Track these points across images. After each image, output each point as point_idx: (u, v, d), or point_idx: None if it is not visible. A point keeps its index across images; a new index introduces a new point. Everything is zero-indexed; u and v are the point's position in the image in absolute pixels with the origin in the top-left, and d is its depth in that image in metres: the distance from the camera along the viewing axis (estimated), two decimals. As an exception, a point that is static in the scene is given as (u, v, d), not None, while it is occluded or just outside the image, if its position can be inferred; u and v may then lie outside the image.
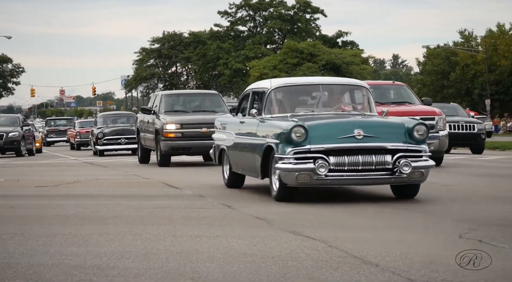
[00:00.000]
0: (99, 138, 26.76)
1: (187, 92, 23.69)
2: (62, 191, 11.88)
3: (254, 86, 11.43)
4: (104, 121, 28.86)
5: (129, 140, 26.49)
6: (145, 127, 19.79)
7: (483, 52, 60.24)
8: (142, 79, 76.16)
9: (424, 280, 4.87)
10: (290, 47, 59.48)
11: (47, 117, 56.69)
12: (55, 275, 5.25)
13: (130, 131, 26.40)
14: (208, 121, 17.52)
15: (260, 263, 5.47)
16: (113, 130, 27.21)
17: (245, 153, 10.45)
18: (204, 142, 17.29)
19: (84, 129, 35.47)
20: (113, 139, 26.82)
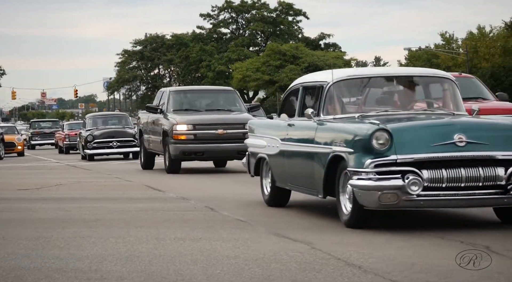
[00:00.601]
0: (89, 141, 24.30)
1: (199, 88, 21.32)
2: (44, 194, 11.80)
3: (305, 79, 8.96)
4: (93, 122, 26.33)
5: (121, 144, 24.44)
6: (150, 128, 17.48)
7: (464, 54, 60.70)
8: (125, 81, 75.91)
9: (407, 281, 4.89)
10: (272, 49, 59.55)
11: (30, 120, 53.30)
12: (37, 279, 5.22)
13: (122, 133, 24.81)
14: (224, 121, 15.93)
15: (243, 266, 5.46)
16: (104, 132, 24.82)
17: (298, 164, 8.21)
18: (220, 146, 15.59)
19: (74, 131, 33.13)
20: (103, 142, 24.40)
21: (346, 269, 5.28)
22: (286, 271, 5.24)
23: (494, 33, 64.01)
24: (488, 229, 6.97)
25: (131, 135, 24.43)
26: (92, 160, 24.31)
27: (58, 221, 8.21)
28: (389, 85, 8.42)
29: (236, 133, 15.43)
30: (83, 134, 25.44)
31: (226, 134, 15.42)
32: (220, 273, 5.25)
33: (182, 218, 8.29)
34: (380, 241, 6.42)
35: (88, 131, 25.15)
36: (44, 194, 11.72)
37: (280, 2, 68.77)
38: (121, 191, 12.26)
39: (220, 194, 11.13)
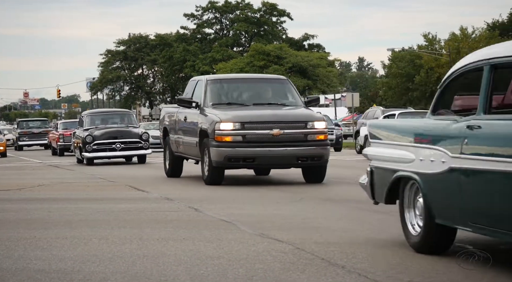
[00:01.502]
0: (88, 142, 20.91)
1: (244, 76, 17.39)
2: (26, 194, 11.72)
3: (496, 52, 5.34)
4: (91, 121, 22.54)
5: (126, 145, 21.17)
6: (181, 127, 14.15)
7: (446, 55, 61.08)
8: (108, 81, 75.54)
9: (391, 281, 4.90)
10: (256, 50, 59.55)
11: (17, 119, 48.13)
12: (19, 280, 5.18)
13: (126, 133, 21.45)
14: (281, 118, 12.44)
15: (227, 266, 5.45)
16: (105, 132, 21.36)
17: (498, 192, 4.86)
18: (275, 150, 12.12)
19: (69, 131, 29.90)
20: (105, 144, 21.09)
21: (329, 269, 5.29)
22: (270, 272, 5.24)
23: (477, 34, 64.47)
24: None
25: (136, 136, 21.43)
26: (91, 164, 21.12)
27: (41, 222, 8.16)
28: None
29: (295, 134, 12.20)
30: (79, 134, 22.00)
31: (283, 135, 12.07)
32: (204, 273, 5.24)
33: (166, 219, 8.26)
34: (363, 241, 6.44)
35: (86, 131, 21.65)
36: (26, 195, 11.64)
37: (264, 2, 68.80)
38: (104, 191, 12.20)
39: (204, 194, 11.11)
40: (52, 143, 32.41)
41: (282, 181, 13.42)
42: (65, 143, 29.24)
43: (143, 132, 21.77)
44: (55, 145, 31.07)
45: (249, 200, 10.07)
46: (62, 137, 29.73)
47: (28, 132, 40.94)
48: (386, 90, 72.58)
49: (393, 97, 70.70)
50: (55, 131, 32.42)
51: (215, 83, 13.77)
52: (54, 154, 30.88)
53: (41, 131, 40.59)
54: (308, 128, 12.27)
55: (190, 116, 13.61)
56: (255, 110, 12.84)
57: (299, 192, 11.11)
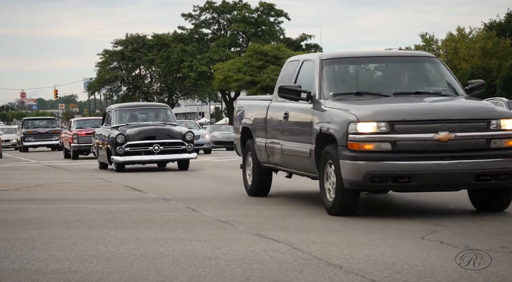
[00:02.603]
0: (119, 143, 16.92)
1: (379, 54, 10.17)
2: (23, 195, 11.72)
3: None
4: (120, 116, 18.28)
5: (165, 148, 17.17)
6: (279, 127, 9.74)
7: (444, 55, 61.11)
8: (105, 81, 75.54)
9: (387, 281, 4.91)
10: (254, 50, 59.57)
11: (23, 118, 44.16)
12: (16, 280, 5.18)
13: (166, 132, 17.49)
14: (448, 115, 8.07)
15: (224, 266, 5.46)
16: (140, 131, 17.32)
17: None
18: (443, 164, 7.82)
19: (84, 130, 26.45)
20: (140, 146, 17.07)
21: (327, 269, 5.30)
22: (267, 272, 5.25)
23: (474, 35, 64.57)
24: (467, 229, 7.03)
25: (179, 135, 17.52)
26: (121, 170, 17.22)
27: (38, 222, 8.16)
28: None
29: (474, 139, 7.95)
30: (105, 133, 17.97)
31: (454, 141, 7.85)
32: (201, 273, 5.24)
33: (163, 219, 8.27)
34: (360, 241, 6.45)
35: (115, 130, 17.62)
36: (23, 195, 11.64)
37: (262, 3, 68.83)
38: (101, 191, 12.20)
39: (202, 194, 11.11)
40: (64, 144, 28.29)
41: (280, 181, 13.43)
42: (79, 144, 25.88)
43: (187, 131, 17.87)
44: (68, 146, 27.05)
45: (246, 201, 10.08)
46: (76, 138, 26.01)
47: (34, 132, 37.05)
48: (383, 90, 72.33)
49: (390, 97, 70.56)
50: (68, 131, 28.36)
51: (335, 63, 9.29)
52: (67, 156, 27.07)
53: (48, 130, 37.13)
54: (492, 130, 7.94)
55: (297, 112, 9.24)
56: (405, 102, 8.51)
57: (297, 192, 11.12)
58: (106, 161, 17.92)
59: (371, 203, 9.39)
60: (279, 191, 11.33)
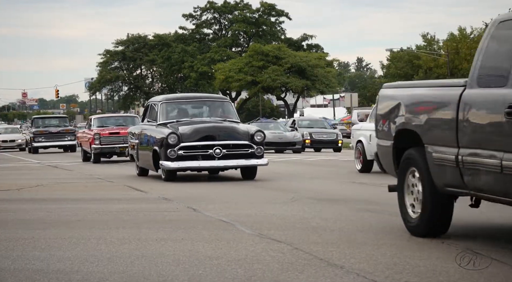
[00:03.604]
0: (171, 145, 13.18)
1: None
2: (24, 195, 11.72)
3: None
4: (167, 111, 14.55)
5: (229, 151, 13.32)
6: (490, 129, 5.79)
7: (445, 55, 61.10)
8: (106, 81, 75.55)
9: (389, 281, 4.92)
10: (255, 50, 59.58)
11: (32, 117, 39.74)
12: (17, 280, 5.18)
13: (230, 132, 13.61)
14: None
15: (225, 266, 5.46)
16: (197, 129, 13.47)
17: None
18: None
19: (107, 129, 22.87)
20: (198, 148, 13.32)
21: (328, 269, 5.29)
22: (269, 272, 5.24)
23: (475, 35, 64.53)
24: (469, 229, 7.02)
25: (245, 136, 13.53)
26: (172, 179, 13.45)
27: (39, 222, 8.16)
28: None
29: None
30: (150, 133, 14.28)
31: None
32: (202, 273, 5.24)
33: (164, 219, 8.27)
34: (361, 241, 6.44)
35: (164, 128, 13.79)
36: (25, 195, 11.64)
37: (263, 3, 68.84)
38: (102, 191, 12.20)
39: (203, 195, 11.11)
40: (83, 146, 24.02)
41: (280, 181, 13.43)
42: (102, 145, 22.05)
43: (256, 131, 13.66)
44: (87, 148, 22.99)
45: (247, 200, 10.07)
46: (98, 138, 22.10)
47: (45, 132, 33.56)
48: (384, 90, 72.30)
49: (391, 98, 70.55)
50: (88, 130, 24.11)
51: None
52: (86, 160, 23.21)
53: (59, 130, 33.64)
54: None
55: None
56: None
57: (297, 192, 11.12)
58: (151, 166, 14.12)
59: (372, 203, 9.38)
60: (280, 191, 11.33)
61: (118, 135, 22.20)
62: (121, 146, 21.76)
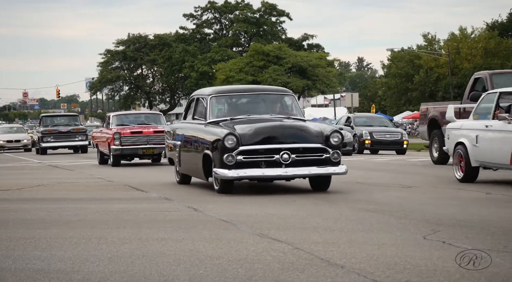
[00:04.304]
0: (228, 148, 10.54)
1: None
2: (25, 194, 11.73)
3: None
4: (217, 106, 12.01)
5: (299, 156, 10.65)
6: None
7: (446, 55, 61.09)
8: (107, 81, 75.60)
9: (389, 281, 4.91)
10: (256, 50, 59.60)
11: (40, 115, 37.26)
12: (18, 280, 5.19)
13: (298, 132, 10.89)
14: None
15: (226, 266, 5.46)
16: (259, 129, 10.81)
17: None
18: None
19: (128, 128, 20.33)
20: (260, 153, 10.64)
21: (329, 269, 5.29)
22: (269, 272, 5.24)
23: (476, 34, 64.54)
24: (469, 229, 7.02)
25: (319, 137, 10.78)
26: (228, 191, 10.82)
27: (40, 222, 8.17)
28: None
29: None
30: (197, 134, 11.68)
31: None
32: (203, 273, 5.24)
33: (165, 219, 8.27)
34: (362, 241, 6.44)
35: (217, 127, 11.16)
36: (25, 195, 11.65)
37: (264, 3, 68.85)
38: (103, 191, 12.20)
39: (203, 194, 11.11)
40: (99, 147, 21.49)
41: (281, 181, 13.43)
42: (122, 146, 19.65)
43: (332, 131, 10.86)
44: (105, 149, 20.57)
45: (248, 200, 10.07)
46: (118, 138, 19.67)
47: (54, 131, 31.09)
48: (385, 90, 72.60)
49: (392, 97, 70.70)
50: (106, 129, 21.48)
51: None
52: (103, 162, 21.06)
53: (69, 129, 31.20)
54: None
55: None
56: None
57: (298, 192, 11.11)
58: (198, 174, 11.56)
59: (372, 203, 9.38)
60: (280, 191, 11.32)
61: (141, 135, 19.88)
62: (144, 147, 19.69)
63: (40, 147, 31.08)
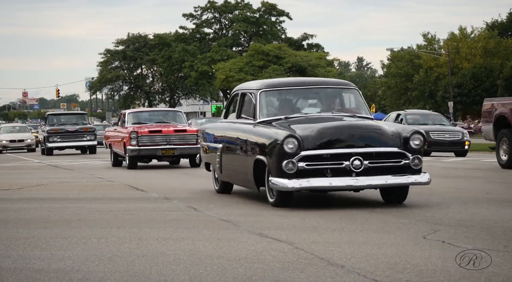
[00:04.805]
0: (288, 153, 8.68)
1: None
2: (25, 194, 11.72)
3: None
4: (267, 102, 10.05)
5: (372, 163, 8.81)
6: None
7: (445, 55, 61.08)
8: (107, 81, 75.62)
9: (389, 281, 4.91)
10: (256, 50, 59.61)
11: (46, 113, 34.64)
12: (18, 279, 5.18)
13: (370, 133, 9.01)
14: None
15: (226, 266, 5.46)
16: (324, 130, 8.90)
17: None
18: None
19: (146, 126, 18.58)
20: (325, 159, 8.77)
21: (329, 268, 5.29)
22: (269, 271, 5.24)
23: (476, 34, 64.56)
24: (469, 229, 7.02)
25: (395, 140, 8.97)
26: (285, 203, 9.04)
27: (40, 221, 8.16)
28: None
29: None
30: (245, 136, 9.79)
31: None
32: (203, 273, 5.24)
33: (165, 218, 8.27)
34: (362, 240, 6.44)
35: (272, 127, 9.43)
36: (25, 194, 11.64)
37: (263, 2, 68.85)
38: (103, 191, 12.20)
39: (204, 194, 11.11)
40: (113, 147, 19.71)
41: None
42: (140, 147, 17.91)
43: (412, 132, 9.01)
44: (119, 149, 18.93)
45: (248, 200, 10.07)
46: (135, 137, 17.95)
47: (61, 130, 29.38)
48: (385, 89, 72.62)
49: (392, 97, 70.71)
50: (121, 127, 19.62)
51: None
52: (117, 164, 19.48)
53: (77, 128, 29.53)
54: None
55: None
56: None
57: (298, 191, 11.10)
58: (247, 183, 9.79)
59: (373, 203, 9.38)
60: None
61: (160, 134, 18.17)
62: (164, 147, 17.95)
63: (46, 148, 29.41)
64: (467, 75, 61.15)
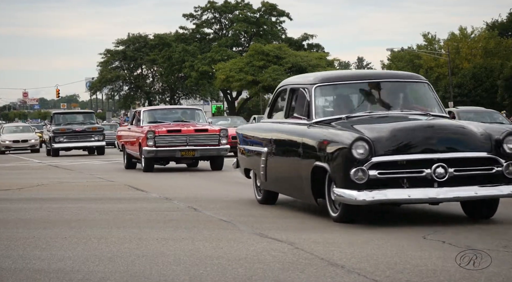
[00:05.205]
0: (358, 160, 7.17)
1: None
2: (25, 194, 11.73)
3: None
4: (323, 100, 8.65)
5: (458, 171, 7.27)
6: None
7: (446, 55, 61.09)
8: (107, 81, 75.57)
9: (389, 281, 4.91)
10: (256, 50, 59.58)
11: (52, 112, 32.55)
12: (18, 280, 5.18)
13: (452, 134, 7.48)
14: None
15: (226, 266, 5.46)
16: (398, 131, 7.37)
17: None
18: None
19: (164, 125, 17.14)
20: (401, 166, 7.24)
21: (329, 268, 5.29)
22: (269, 271, 5.24)
23: (476, 34, 64.57)
24: (469, 229, 7.02)
25: (484, 143, 7.43)
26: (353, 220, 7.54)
27: (40, 222, 8.17)
28: None
29: None
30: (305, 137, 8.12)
31: None
32: (203, 273, 5.24)
33: (165, 219, 8.27)
34: (362, 241, 6.44)
35: (332, 129, 7.86)
36: (25, 195, 11.64)
37: (264, 2, 68.83)
38: (103, 191, 12.20)
39: (203, 194, 11.11)
40: (126, 148, 18.24)
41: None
42: (157, 148, 16.42)
43: (506, 133, 7.50)
44: (135, 151, 17.37)
45: (247, 200, 10.07)
46: (152, 137, 16.41)
47: (67, 130, 27.73)
48: (385, 90, 72.31)
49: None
50: (135, 127, 17.89)
51: None
52: (130, 166, 18.11)
53: (85, 128, 27.94)
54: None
55: None
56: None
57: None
58: (302, 193, 8.34)
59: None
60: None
61: (180, 134, 16.69)
62: (183, 149, 16.44)
63: (52, 148, 27.70)
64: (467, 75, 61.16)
